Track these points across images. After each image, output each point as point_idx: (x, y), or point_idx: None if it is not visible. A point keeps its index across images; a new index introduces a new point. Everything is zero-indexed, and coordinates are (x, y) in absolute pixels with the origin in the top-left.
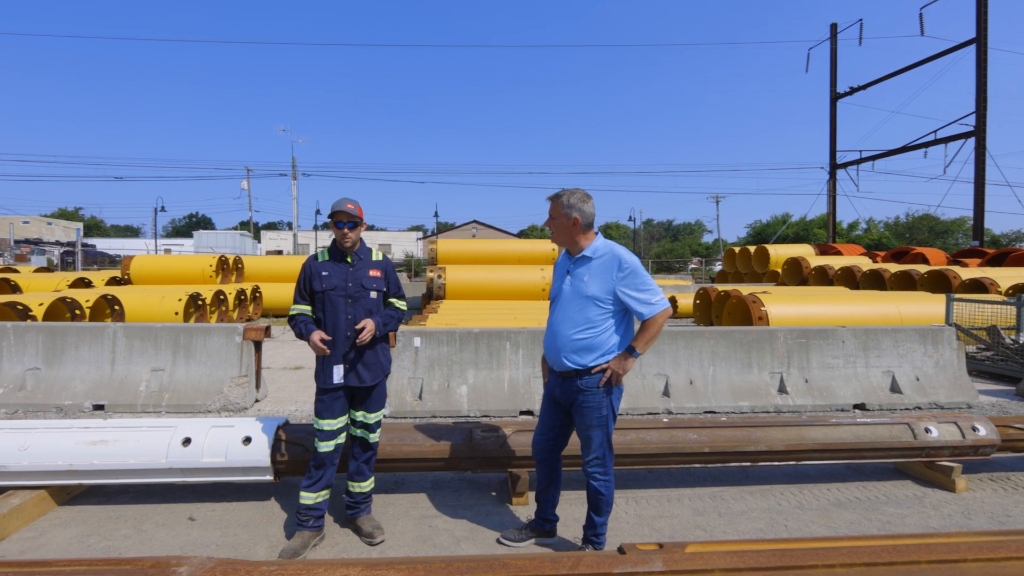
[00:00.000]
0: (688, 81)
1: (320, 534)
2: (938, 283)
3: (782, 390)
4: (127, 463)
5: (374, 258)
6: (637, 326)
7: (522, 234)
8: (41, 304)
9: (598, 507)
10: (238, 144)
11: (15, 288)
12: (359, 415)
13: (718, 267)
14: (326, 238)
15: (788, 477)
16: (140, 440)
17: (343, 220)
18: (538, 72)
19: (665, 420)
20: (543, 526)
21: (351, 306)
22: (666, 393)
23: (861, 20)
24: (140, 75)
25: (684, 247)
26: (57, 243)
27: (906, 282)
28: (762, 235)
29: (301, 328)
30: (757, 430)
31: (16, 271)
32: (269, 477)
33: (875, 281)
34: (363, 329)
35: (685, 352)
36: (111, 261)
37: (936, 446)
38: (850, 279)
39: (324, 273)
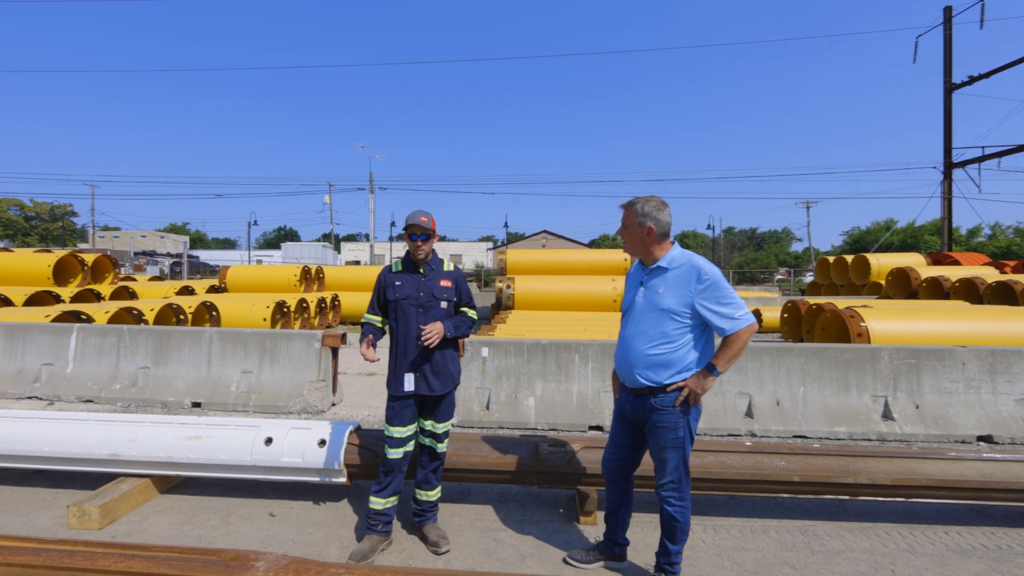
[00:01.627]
0: (774, 81)
1: (388, 539)
2: None
3: (887, 416)
4: (217, 458)
5: (445, 269)
6: (718, 341)
7: (593, 244)
8: (152, 309)
9: (673, 534)
10: (322, 161)
11: (133, 295)
12: (428, 424)
13: (809, 278)
14: (400, 248)
15: (896, 516)
16: (228, 438)
17: (417, 232)
18: (613, 79)
19: (748, 443)
20: (612, 549)
21: (422, 315)
22: (749, 414)
23: (983, 1)
24: (235, 100)
25: (769, 256)
26: (168, 254)
27: None
28: (861, 243)
29: (364, 335)
30: (858, 460)
31: (134, 279)
32: (342, 479)
33: (1003, 295)
34: (432, 331)
35: (771, 370)
36: (211, 271)
37: None
38: (971, 292)
39: (397, 283)
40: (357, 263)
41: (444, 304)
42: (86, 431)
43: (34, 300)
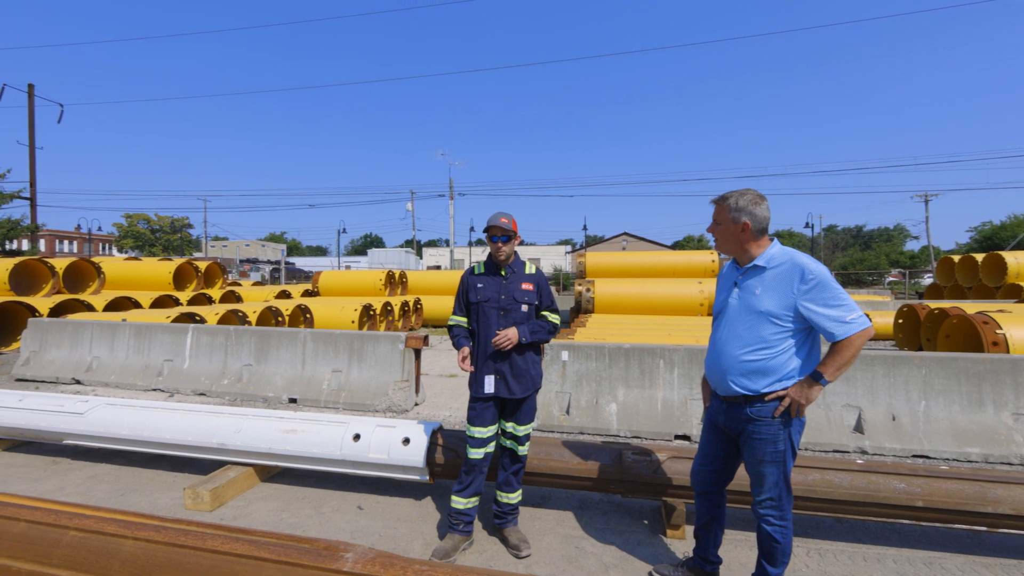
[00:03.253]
0: (887, 63)
1: (469, 539)
2: None
3: None
4: (311, 451)
5: (527, 271)
6: (824, 348)
7: (676, 246)
8: (254, 312)
9: (772, 556)
10: (405, 170)
11: (238, 298)
12: (509, 426)
13: (927, 280)
14: (480, 253)
15: None
16: (320, 432)
17: (497, 234)
18: (698, 74)
19: (859, 461)
20: (703, 566)
21: (503, 318)
22: (858, 429)
23: None
24: (325, 115)
25: (879, 256)
26: (268, 261)
27: None
28: (993, 240)
29: (455, 340)
30: (998, 487)
31: (240, 284)
32: (425, 477)
33: None
34: (504, 337)
35: (885, 381)
36: (305, 276)
37: None
38: None
39: (479, 285)
40: (438, 268)
41: (525, 307)
42: (198, 421)
43: (158, 303)
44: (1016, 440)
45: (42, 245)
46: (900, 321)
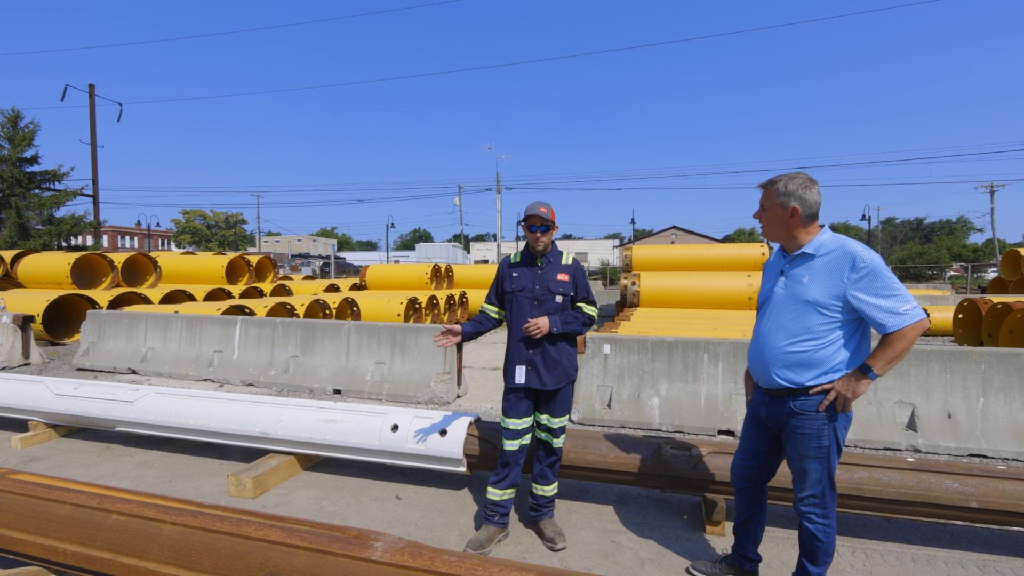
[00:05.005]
0: (945, 52)
1: (505, 530)
2: None
3: None
4: (349, 441)
5: (564, 262)
6: (875, 341)
7: (727, 240)
8: (302, 304)
9: (813, 555)
10: (452, 164)
11: (288, 292)
12: (543, 418)
13: (992, 274)
14: None
15: None
16: (359, 423)
17: (536, 224)
18: (751, 64)
19: (910, 460)
20: (742, 564)
21: (536, 308)
22: (911, 426)
23: None
24: (373, 110)
25: (940, 250)
26: (319, 256)
27: None
28: None
29: (473, 321)
30: None
31: (291, 279)
32: (462, 469)
33: None
34: (534, 326)
35: (940, 377)
36: (354, 270)
37: None
38: None
39: (515, 275)
40: (485, 262)
41: (559, 299)
42: (242, 410)
43: (211, 296)
44: None
45: (105, 241)
46: (960, 316)
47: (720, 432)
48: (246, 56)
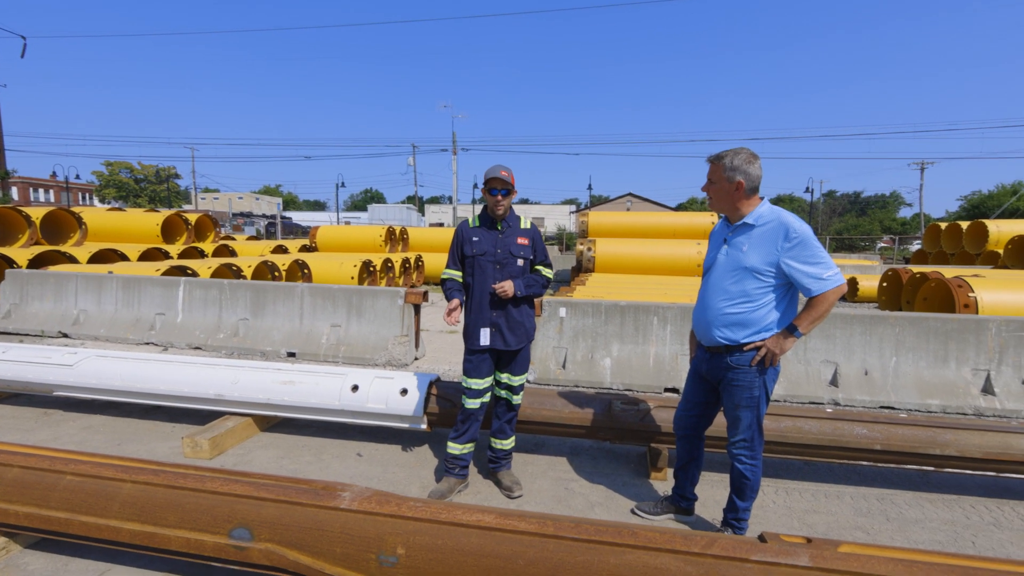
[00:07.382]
0: (893, 29)
1: (464, 482)
2: None
3: (987, 391)
4: (309, 402)
5: (523, 226)
6: (802, 304)
7: (680, 208)
8: (249, 266)
9: (741, 491)
10: (406, 123)
11: (232, 253)
12: (504, 377)
13: (916, 247)
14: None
15: (984, 490)
16: (319, 383)
17: (497, 187)
18: (706, 34)
19: (828, 411)
20: (680, 503)
21: (499, 272)
22: (833, 383)
23: None
24: (321, 62)
25: (873, 223)
26: (263, 216)
27: None
28: (981, 209)
29: (447, 293)
30: (947, 432)
31: (233, 239)
32: (422, 426)
33: None
34: (502, 289)
35: (862, 339)
36: (303, 231)
37: None
38: None
39: (475, 239)
40: (440, 225)
41: (521, 262)
42: (195, 373)
43: (146, 256)
44: (972, 393)
45: (14, 193)
46: (884, 284)
47: (666, 389)
48: None
